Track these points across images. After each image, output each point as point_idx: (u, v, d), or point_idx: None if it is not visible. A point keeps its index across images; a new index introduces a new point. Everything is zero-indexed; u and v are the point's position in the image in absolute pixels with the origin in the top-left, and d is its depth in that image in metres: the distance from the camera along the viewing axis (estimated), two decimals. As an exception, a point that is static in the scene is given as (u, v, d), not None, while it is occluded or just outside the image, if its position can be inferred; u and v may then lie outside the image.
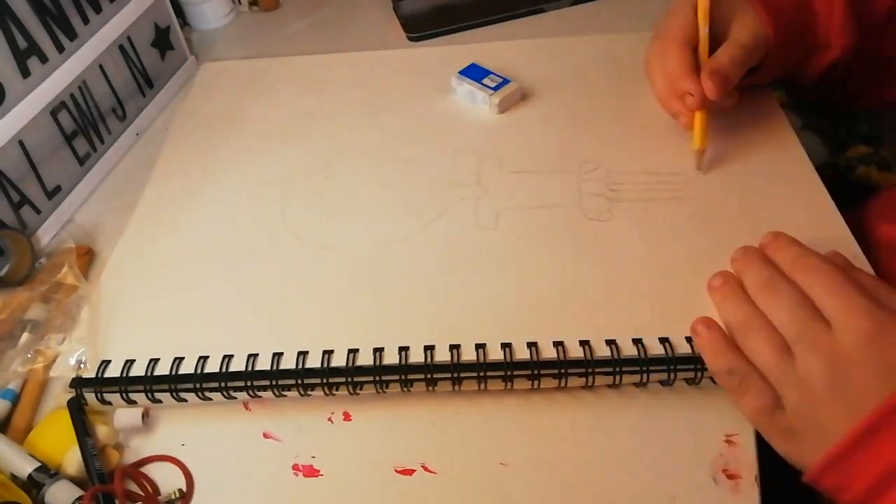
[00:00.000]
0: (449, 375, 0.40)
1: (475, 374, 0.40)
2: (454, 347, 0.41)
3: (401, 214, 0.51)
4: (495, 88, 0.59)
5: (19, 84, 0.52)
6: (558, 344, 0.40)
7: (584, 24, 0.70)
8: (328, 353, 0.41)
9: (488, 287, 0.45)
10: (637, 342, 0.40)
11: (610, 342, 0.40)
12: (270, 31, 0.77)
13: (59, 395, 0.44)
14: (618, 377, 0.39)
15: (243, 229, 0.52)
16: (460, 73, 0.61)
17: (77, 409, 0.42)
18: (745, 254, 0.42)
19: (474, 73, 0.61)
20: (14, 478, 0.39)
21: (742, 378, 0.37)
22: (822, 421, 0.34)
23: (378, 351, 0.41)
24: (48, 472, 0.39)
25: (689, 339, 0.40)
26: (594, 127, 0.56)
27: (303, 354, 0.41)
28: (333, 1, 0.80)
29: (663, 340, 0.40)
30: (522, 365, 0.40)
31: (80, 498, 0.38)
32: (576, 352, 0.40)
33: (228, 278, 0.48)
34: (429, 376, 0.40)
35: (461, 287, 0.45)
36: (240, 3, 0.80)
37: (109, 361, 0.43)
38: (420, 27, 0.72)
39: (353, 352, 0.41)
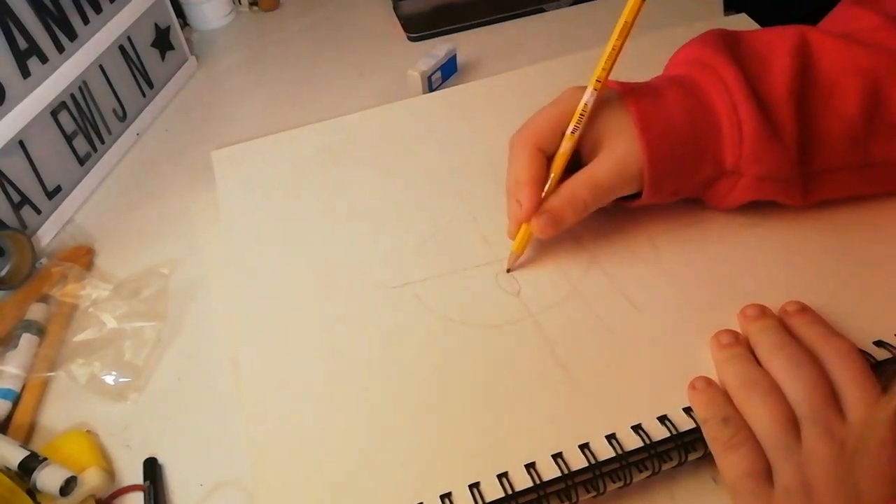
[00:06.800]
0: None
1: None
2: None
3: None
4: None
5: (19, 84, 0.52)
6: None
7: (584, 24, 0.70)
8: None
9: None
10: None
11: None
12: (270, 31, 0.77)
13: (60, 398, 0.45)
14: None
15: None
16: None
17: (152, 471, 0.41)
18: (762, 315, 0.37)
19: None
20: (7, 470, 0.39)
21: (736, 432, 0.34)
22: None
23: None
24: (38, 458, 0.39)
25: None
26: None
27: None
28: (333, 1, 0.80)
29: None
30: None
31: (70, 479, 0.38)
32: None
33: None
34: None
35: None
36: (240, 3, 0.80)
37: None
38: (420, 27, 0.72)
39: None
